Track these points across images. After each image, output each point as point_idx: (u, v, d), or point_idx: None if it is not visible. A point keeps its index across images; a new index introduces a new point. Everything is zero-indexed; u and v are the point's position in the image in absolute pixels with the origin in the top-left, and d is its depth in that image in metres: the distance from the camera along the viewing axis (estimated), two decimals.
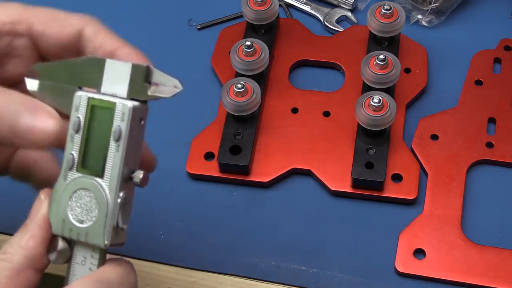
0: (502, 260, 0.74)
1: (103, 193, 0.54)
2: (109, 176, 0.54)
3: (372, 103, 0.77)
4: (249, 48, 0.81)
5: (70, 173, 0.55)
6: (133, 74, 0.54)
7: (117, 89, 0.54)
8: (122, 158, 0.53)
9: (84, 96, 0.55)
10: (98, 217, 0.54)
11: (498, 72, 0.86)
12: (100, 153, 0.54)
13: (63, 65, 0.56)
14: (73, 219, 0.54)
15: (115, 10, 0.95)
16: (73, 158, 0.55)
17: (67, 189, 0.55)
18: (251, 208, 0.80)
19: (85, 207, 0.54)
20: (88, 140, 0.55)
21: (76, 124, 0.55)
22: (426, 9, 0.90)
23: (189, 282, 0.76)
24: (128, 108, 0.53)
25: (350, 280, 0.75)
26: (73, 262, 0.55)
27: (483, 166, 0.81)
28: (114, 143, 0.53)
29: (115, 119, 0.53)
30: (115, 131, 0.53)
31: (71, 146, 0.55)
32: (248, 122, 0.82)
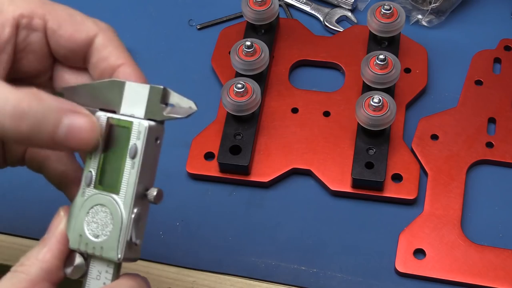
0: (502, 260, 0.74)
1: (118, 208, 0.55)
2: (124, 192, 0.55)
3: (372, 103, 0.77)
4: (249, 48, 0.81)
5: (88, 189, 0.57)
6: (150, 95, 0.56)
7: (135, 110, 0.56)
8: (137, 175, 0.55)
9: (103, 116, 0.56)
10: (113, 232, 0.55)
11: (498, 72, 0.87)
12: (117, 170, 0.56)
13: (85, 88, 0.58)
14: (89, 234, 0.56)
15: (115, 10, 0.95)
16: (91, 175, 0.57)
17: (85, 205, 0.57)
18: (251, 208, 0.80)
19: (100, 222, 0.56)
20: (106, 158, 0.56)
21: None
22: (426, 9, 0.90)
23: (189, 282, 0.76)
24: (144, 127, 0.55)
25: (350, 280, 0.75)
26: (89, 277, 0.57)
27: (483, 166, 0.81)
28: (130, 161, 0.55)
29: (132, 137, 0.55)
30: (131, 149, 0.55)
31: (90, 163, 0.57)
32: (248, 122, 0.82)
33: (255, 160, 0.81)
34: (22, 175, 0.82)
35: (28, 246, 0.78)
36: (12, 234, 0.79)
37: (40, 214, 0.80)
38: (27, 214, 0.80)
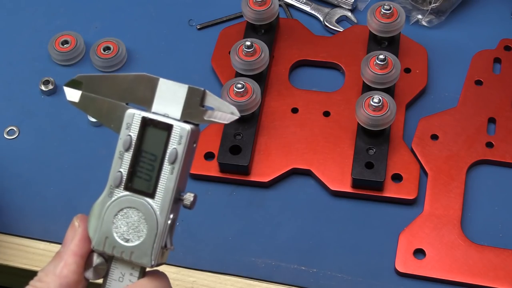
0: (502, 260, 0.74)
1: (154, 213, 0.53)
2: (161, 197, 0.53)
3: (372, 103, 0.77)
4: (249, 48, 0.81)
5: (117, 190, 0.54)
6: (189, 96, 0.54)
7: (169, 110, 0.54)
8: (176, 181, 0.53)
9: (137, 114, 0.54)
10: (147, 237, 0.53)
11: (498, 72, 0.86)
12: (151, 173, 0.54)
13: (109, 80, 0.56)
14: (118, 237, 0.54)
15: (115, 10, 0.95)
16: (121, 175, 0.54)
17: (113, 206, 0.54)
18: (251, 208, 0.79)
19: (132, 226, 0.54)
20: (138, 159, 0.54)
21: (127, 142, 0.54)
22: (426, 9, 0.90)
23: (189, 282, 0.76)
24: (186, 132, 0.53)
25: (350, 280, 0.75)
26: (110, 278, 0.55)
27: (483, 166, 0.81)
28: (168, 165, 0.53)
29: (172, 141, 0.53)
30: (171, 154, 0.53)
31: (119, 163, 0.54)
32: (248, 122, 0.82)
33: (255, 160, 0.81)
34: (22, 175, 0.82)
35: (28, 246, 0.78)
36: (12, 234, 0.79)
37: (40, 214, 0.80)
38: (27, 214, 0.80)
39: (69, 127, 0.85)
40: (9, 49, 0.92)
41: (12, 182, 0.82)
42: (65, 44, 0.90)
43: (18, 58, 0.91)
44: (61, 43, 0.90)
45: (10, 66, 0.91)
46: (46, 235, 0.78)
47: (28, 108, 0.87)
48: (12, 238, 0.79)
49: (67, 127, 0.86)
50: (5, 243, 0.79)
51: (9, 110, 0.87)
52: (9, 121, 0.86)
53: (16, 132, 0.85)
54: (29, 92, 0.88)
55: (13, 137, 0.85)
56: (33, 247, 0.78)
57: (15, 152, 0.84)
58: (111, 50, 0.89)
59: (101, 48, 0.89)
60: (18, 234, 0.79)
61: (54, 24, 0.93)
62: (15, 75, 0.90)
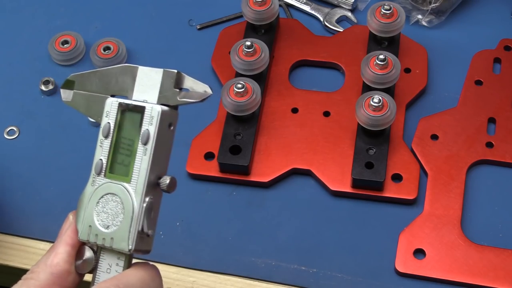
0: (502, 260, 0.74)
1: (130, 197, 0.54)
2: (136, 180, 0.53)
3: (372, 103, 0.77)
4: (249, 48, 0.81)
5: (99, 178, 0.55)
6: (164, 80, 0.54)
7: (148, 96, 0.54)
8: (149, 162, 0.53)
9: (114, 101, 0.55)
10: (123, 222, 0.54)
11: (498, 72, 0.86)
12: (129, 158, 0.54)
13: (96, 75, 0.56)
14: (99, 225, 0.54)
15: (115, 10, 0.95)
16: (101, 163, 0.55)
17: (95, 194, 0.55)
18: (251, 208, 0.79)
19: (111, 212, 0.54)
20: (116, 145, 0.54)
21: (106, 129, 0.55)
22: (426, 9, 0.90)
23: (189, 282, 0.76)
24: (156, 112, 0.53)
25: (350, 280, 0.75)
26: (98, 271, 0.55)
27: (483, 166, 0.81)
28: (142, 147, 0.53)
29: (144, 122, 0.53)
30: (143, 134, 0.53)
31: (100, 151, 0.55)
32: (248, 122, 0.82)
33: (255, 160, 0.81)
34: (22, 175, 0.82)
35: (28, 246, 0.78)
36: (12, 234, 0.79)
37: (40, 214, 0.80)
38: (27, 214, 0.80)
39: (69, 127, 0.85)
40: (9, 49, 0.92)
41: (12, 182, 0.82)
42: (65, 44, 0.90)
43: (18, 58, 0.91)
44: (61, 43, 0.90)
45: (10, 66, 0.91)
46: (46, 235, 0.78)
47: (28, 108, 0.87)
48: (12, 238, 0.79)
49: (67, 127, 0.86)
50: (5, 243, 0.79)
51: (9, 110, 0.87)
52: (9, 121, 0.86)
53: (16, 132, 0.85)
54: (29, 92, 0.88)
55: (13, 137, 0.85)
56: (33, 247, 0.78)
57: (15, 152, 0.84)
58: (111, 50, 0.89)
59: (101, 48, 0.89)
60: (18, 234, 0.79)
61: (54, 24, 0.93)
62: (15, 75, 0.90)
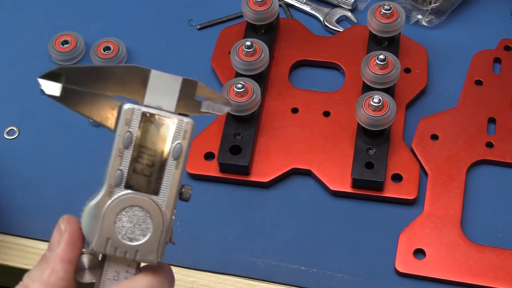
0: (502, 260, 0.74)
1: (159, 210, 0.52)
2: (167, 193, 0.52)
3: (372, 103, 0.77)
4: (249, 48, 0.81)
5: (117, 189, 0.52)
6: (183, 88, 0.52)
7: (163, 103, 0.52)
8: (180, 176, 0.52)
9: (137, 109, 0.52)
10: (153, 235, 0.52)
11: (498, 72, 0.86)
12: (154, 170, 0.52)
13: (95, 71, 0.53)
14: (121, 237, 0.52)
15: (115, 10, 0.95)
16: (121, 174, 0.52)
17: (114, 206, 0.52)
18: (251, 208, 0.79)
19: (136, 224, 0.52)
20: (139, 156, 0.52)
21: (127, 139, 0.52)
22: (426, 9, 0.90)
23: (189, 282, 0.76)
24: (191, 125, 0.52)
25: (350, 280, 0.75)
26: (104, 278, 0.53)
27: (483, 166, 0.81)
28: (173, 161, 0.52)
29: (176, 136, 0.52)
30: (176, 149, 0.52)
31: (119, 161, 0.52)
32: (248, 122, 0.82)
33: (255, 160, 0.81)
34: (22, 175, 0.82)
35: (28, 246, 0.78)
36: (12, 234, 0.79)
37: (40, 214, 0.80)
38: (27, 214, 0.80)
39: (69, 127, 0.85)
40: (9, 49, 0.92)
41: (12, 182, 0.82)
42: (65, 44, 0.90)
43: (18, 58, 0.91)
44: (61, 43, 0.90)
45: (10, 66, 0.91)
46: (46, 235, 0.78)
47: (28, 108, 0.87)
48: (12, 238, 0.79)
49: (67, 127, 0.86)
50: (5, 243, 0.79)
51: (9, 110, 0.87)
52: (9, 121, 0.86)
53: (16, 132, 0.85)
54: (29, 92, 0.88)
55: (13, 137, 0.85)
56: (33, 247, 0.78)
57: (15, 152, 0.84)
58: (111, 50, 0.89)
59: (101, 48, 0.89)
60: (18, 234, 0.79)
61: (54, 24, 0.93)
62: (15, 75, 0.90)
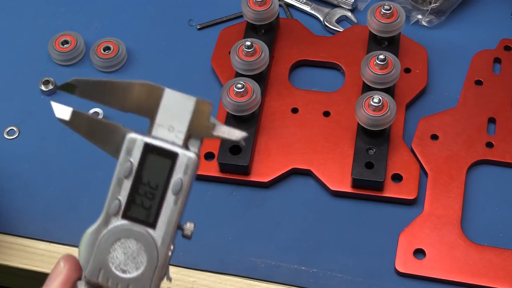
0: (502, 260, 0.74)
1: (154, 244, 0.51)
2: (163, 229, 0.51)
3: (372, 103, 0.77)
4: (249, 48, 0.81)
5: (114, 218, 0.51)
6: (196, 109, 0.51)
7: (175, 123, 0.51)
8: (179, 212, 0.51)
9: (139, 139, 0.51)
10: (146, 269, 0.51)
11: (498, 72, 0.86)
12: (152, 202, 0.51)
13: (108, 86, 0.52)
14: (114, 268, 0.51)
15: (115, 10, 0.95)
16: (119, 203, 0.51)
17: (110, 235, 0.51)
18: (251, 208, 0.79)
19: (130, 257, 0.51)
20: (138, 187, 0.51)
21: (127, 169, 0.51)
22: (426, 9, 0.90)
23: (189, 282, 0.76)
24: (193, 161, 0.50)
25: (350, 280, 0.75)
26: None
27: (483, 166, 0.81)
28: (172, 196, 0.51)
29: (176, 170, 0.51)
30: (176, 184, 0.50)
31: (118, 190, 0.51)
32: (248, 122, 0.82)
33: (255, 160, 0.81)
34: (22, 175, 0.82)
35: (28, 246, 0.78)
36: (12, 234, 0.79)
37: (40, 214, 0.80)
38: (27, 214, 0.80)
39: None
40: (9, 49, 0.92)
41: (12, 182, 0.82)
42: (65, 44, 0.90)
43: (18, 58, 0.91)
44: (61, 43, 0.90)
45: (10, 66, 0.91)
46: (46, 235, 0.78)
47: (28, 108, 0.87)
48: (12, 238, 0.79)
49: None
50: (5, 243, 0.79)
51: (9, 110, 0.87)
52: (9, 121, 0.86)
53: (16, 132, 0.85)
54: (29, 92, 0.88)
55: (13, 137, 0.85)
56: (33, 247, 0.78)
57: (15, 152, 0.84)
58: (111, 50, 0.89)
59: (101, 48, 0.89)
60: (18, 234, 0.79)
61: (54, 24, 0.93)
62: (15, 75, 0.90)
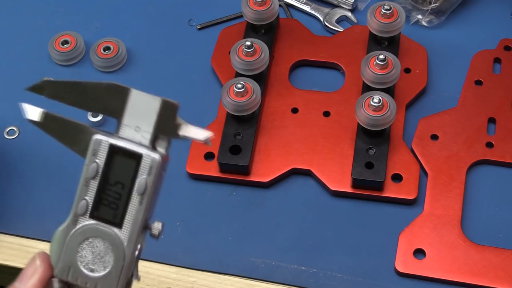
0: (502, 260, 0.74)
1: (121, 244, 0.52)
2: (129, 228, 0.52)
3: (372, 103, 0.77)
4: (249, 48, 0.81)
5: (82, 218, 0.53)
6: (162, 110, 0.51)
7: (141, 123, 0.52)
8: (145, 212, 0.52)
9: (104, 140, 0.52)
10: (113, 268, 0.52)
11: (498, 72, 0.86)
12: (119, 202, 0.52)
13: (77, 86, 0.53)
14: (83, 267, 0.52)
15: (115, 10, 0.95)
16: (86, 203, 0.52)
17: (78, 234, 0.53)
18: (251, 208, 0.79)
19: (97, 256, 0.52)
20: (105, 187, 0.52)
21: (93, 170, 0.52)
22: (426, 9, 0.90)
23: (189, 282, 0.76)
24: (156, 162, 0.51)
25: (350, 280, 0.75)
26: None
27: (483, 166, 0.81)
28: (137, 196, 0.52)
29: (141, 171, 0.51)
30: (140, 185, 0.51)
31: (85, 191, 0.52)
32: (248, 122, 0.82)
33: (255, 160, 0.81)
34: (22, 175, 0.82)
35: (28, 246, 0.78)
36: (12, 234, 0.79)
37: (40, 214, 0.80)
38: (27, 214, 0.80)
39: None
40: (9, 49, 0.92)
41: (12, 182, 0.82)
42: (65, 44, 0.90)
43: (18, 58, 0.91)
44: (61, 43, 0.90)
45: (10, 66, 0.91)
46: (46, 235, 0.78)
47: None
48: (12, 238, 0.79)
49: None
50: (5, 243, 0.79)
51: (9, 110, 0.87)
52: (9, 121, 0.86)
53: (16, 132, 0.85)
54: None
55: (13, 137, 0.85)
56: (33, 247, 0.78)
57: (15, 152, 0.84)
58: (111, 50, 0.89)
59: (101, 48, 0.89)
60: (18, 234, 0.79)
61: (54, 24, 0.93)
62: (15, 75, 0.90)
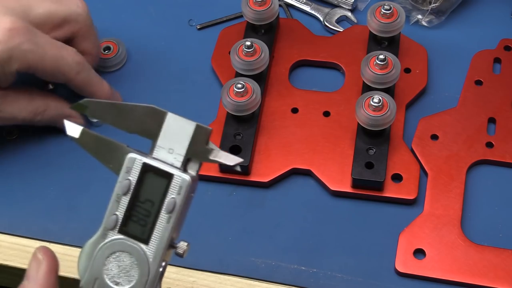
0: (502, 260, 0.74)
1: (146, 260, 0.54)
2: (155, 245, 0.54)
3: (372, 103, 0.77)
4: (249, 48, 0.81)
5: (111, 232, 0.55)
6: (195, 134, 0.54)
7: (175, 146, 0.54)
8: (172, 231, 0.54)
9: (138, 159, 0.55)
10: (137, 283, 0.54)
11: (498, 72, 0.86)
12: (148, 220, 0.54)
13: (116, 108, 0.56)
14: (108, 280, 0.54)
15: (115, 10, 0.94)
16: (116, 218, 0.54)
17: (106, 248, 0.55)
18: (251, 208, 0.79)
19: (123, 270, 0.54)
20: (135, 204, 0.54)
21: (125, 186, 0.55)
22: (426, 9, 0.90)
23: (189, 282, 0.76)
24: (186, 183, 0.54)
25: (350, 280, 0.75)
26: None
27: (483, 166, 0.81)
28: (165, 214, 0.54)
29: (171, 191, 0.54)
30: (169, 204, 0.54)
31: (116, 206, 0.55)
32: (248, 122, 0.82)
33: (255, 160, 0.81)
34: (22, 175, 0.82)
35: (28, 246, 0.78)
36: (12, 234, 0.79)
37: (40, 214, 0.80)
38: (27, 214, 0.80)
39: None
40: None
41: (12, 182, 0.82)
42: None
43: None
44: None
45: None
46: (46, 235, 0.78)
47: None
48: (12, 238, 0.79)
49: None
50: (5, 243, 0.79)
51: None
52: None
53: (16, 132, 0.85)
54: None
55: (13, 137, 0.85)
56: (33, 247, 0.78)
57: (15, 152, 0.84)
58: (111, 50, 0.89)
59: (101, 48, 0.89)
60: (18, 234, 0.79)
61: None
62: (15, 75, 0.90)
